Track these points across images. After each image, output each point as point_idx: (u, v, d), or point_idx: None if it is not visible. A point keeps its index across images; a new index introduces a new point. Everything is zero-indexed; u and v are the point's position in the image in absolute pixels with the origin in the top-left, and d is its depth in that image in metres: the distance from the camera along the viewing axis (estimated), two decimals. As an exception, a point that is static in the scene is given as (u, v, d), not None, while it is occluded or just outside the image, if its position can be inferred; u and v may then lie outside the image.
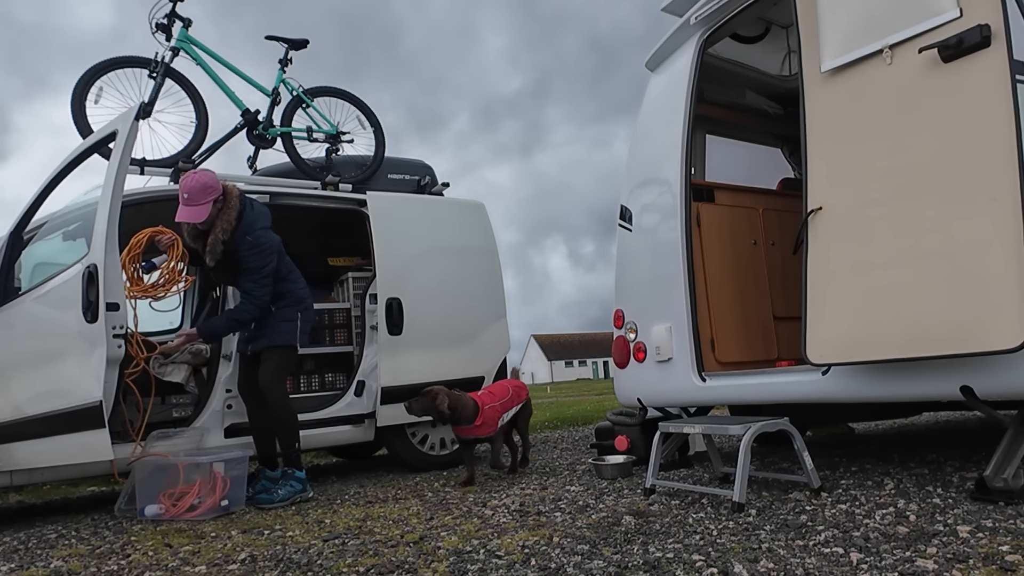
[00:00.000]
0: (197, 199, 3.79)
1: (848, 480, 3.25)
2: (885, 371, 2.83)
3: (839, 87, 2.99)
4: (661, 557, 2.22)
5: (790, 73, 4.86)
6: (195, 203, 3.79)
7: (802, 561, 2.07)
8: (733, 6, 3.73)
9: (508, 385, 4.40)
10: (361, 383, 4.71)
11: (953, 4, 2.60)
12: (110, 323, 3.57)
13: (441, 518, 3.11)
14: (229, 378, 4.31)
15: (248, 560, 2.59)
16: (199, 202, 3.79)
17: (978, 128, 2.50)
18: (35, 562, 2.86)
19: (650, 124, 4.20)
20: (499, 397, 4.24)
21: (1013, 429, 2.65)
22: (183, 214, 3.81)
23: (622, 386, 4.14)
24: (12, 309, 3.93)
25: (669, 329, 3.79)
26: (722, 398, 3.75)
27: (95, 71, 4.45)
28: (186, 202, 3.79)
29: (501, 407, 4.18)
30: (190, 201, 3.79)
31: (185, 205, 3.80)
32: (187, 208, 3.80)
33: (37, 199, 4.12)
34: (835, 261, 2.92)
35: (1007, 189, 2.39)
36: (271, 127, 5.02)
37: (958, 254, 2.51)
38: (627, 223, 4.16)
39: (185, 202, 3.80)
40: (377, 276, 4.82)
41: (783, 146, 5.40)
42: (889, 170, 2.75)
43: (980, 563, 1.93)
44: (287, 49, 5.13)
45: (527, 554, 2.38)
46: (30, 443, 3.76)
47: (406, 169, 5.51)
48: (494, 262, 5.46)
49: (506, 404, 4.23)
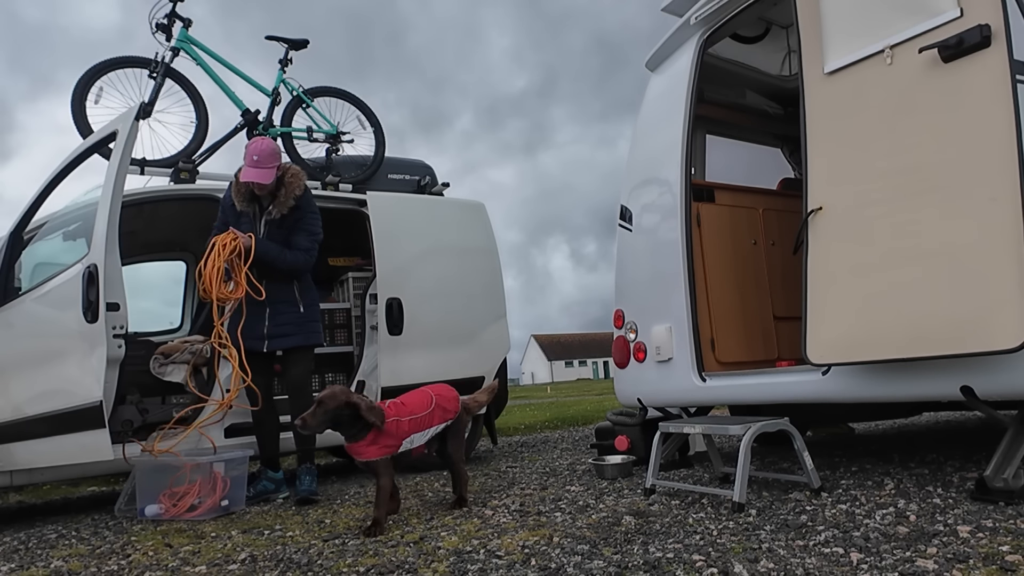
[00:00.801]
0: (266, 163, 3.88)
1: (848, 480, 3.24)
2: (885, 371, 2.83)
3: (839, 87, 2.99)
4: (661, 557, 2.22)
5: (790, 73, 4.86)
6: (264, 166, 3.87)
7: (802, 561, 2.07)
8: (733, 6, 3.73)
9: (430, 394, 3.34)
10: (361, 383, 4.71)
11: (953, 4, 2.60)
12: (110, 323, 3.57)
13: (441, 518, 3.11)
14: (229, 378, 4.31)
15: (248, 560, 2.59)
16: (267, 165, 3.89)
17: (978, 128, 2.50)
18: (35, 562, 2.86)
19: (650, 124, 4.20)
20: (409, 410, 3.20)
21: (1013, 429, 2.65)
22: (251, 175, 3.87)
23: (622, 386, 4.14)
24: (12, 309, 3.94)
25: (669, 329, 3.79)
26: (722, 398, 3.75)
27: (95, 71, 4.45)
28: (255, 163, 3.86)
29: (410, 424, 3.15)
30: (259, 163, 3.86)
31: (253, 167, 3.86)
32: (255, 170, 3.87)
33: (37, 199, 4.13)
34: (835, 261, 2.92)
35: (1007, 189, 2.39)
36: (271, 127, 5.02)
37: (958, 254, 2.51)
38: (627, 223, 4.16)
39: (254, 163, 3.86)
40: (377, 276, 4.82)
41: (783, 146, 5.40)
42: (889, 170, 2.75)
43: (980, 563, 1.93)
44: (287, 49, 5.14)
45: (527, 554, 2.38)
46: (30, 443, 3.76)
47: (406, 169, 5.51)
48: (494, 262, 5.46)
49: (420, 421, 3.20)
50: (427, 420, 3.24)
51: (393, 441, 3.09)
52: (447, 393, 3.41)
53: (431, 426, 3.26)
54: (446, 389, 3.44)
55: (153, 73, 4.61)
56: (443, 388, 3.44)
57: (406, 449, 3.16)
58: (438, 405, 3.30)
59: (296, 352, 4.04)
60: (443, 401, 3.35)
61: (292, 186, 4.01)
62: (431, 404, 3.27)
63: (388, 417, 3.08)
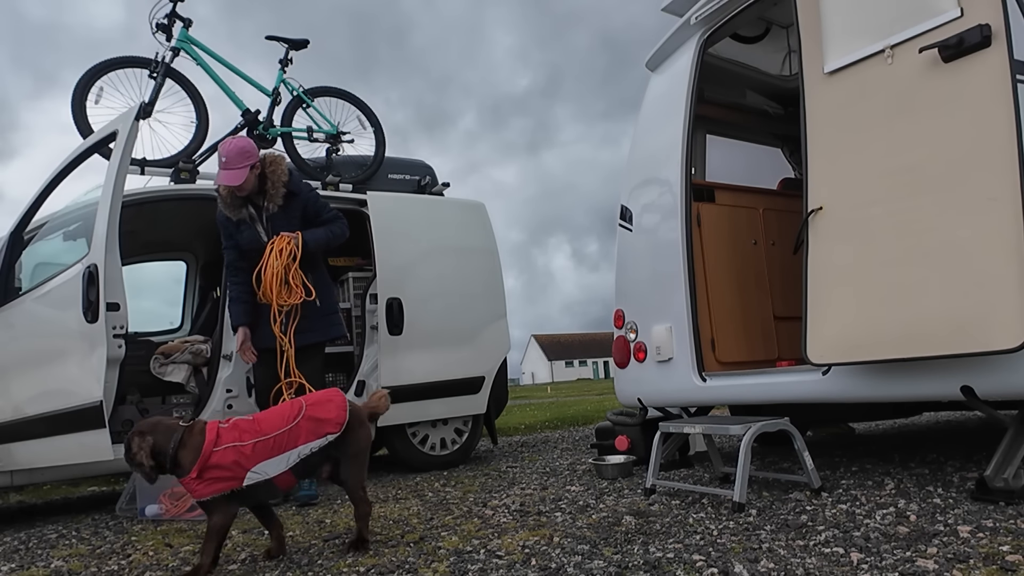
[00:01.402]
0: (235, 163, 3.70)
1: (848, 480, 3.24)
2: (885, 371, 2.83)
3: (840, 87, 2.99)
4: (661, 557, 2.22)
5: (790, 73, 4.86)
6: (233, 166, 3.70)
7: (802, 561, 2.07)
8: (733, 6, 3.73)
9: (300, 405, 2.61)
10: (361, 383, 4.71)
11: (954, 4, 2.60)
12: (110, 323, 3.57)
13: (441, 518, 3.11)
14: (229, 378, 4.31)
15: (248, 560, 2.59)
16: (237, 166, 3.70)
17: (979, 128, 2.50)
18: (36, 562, 2.87)
19: (650, 124, 4.20)
20: (257, 430, 2.50)
21: (1013, 429, 2.65)
22: (222, 177, 3.73)
23: (622, 386, 4.14)
24: (13, 309, 3.94)
25: (669, 329, 3.79)
26: (722, 398, 3.75)
27: (95, 71, 4.45)
28: (224, 165, 3.71)
29: (256, 449, 2.45)
30: (228, 164, 3.70)
31: (223, 169, 3.71)
32: (226, 172, 3.71)
33: (38, 199, 4.13)
34: (836, 261, 2.92)
35: (1007, 189, 2.39)
36: (271, 127, 5.02)
37: (958, 254, 2.51)
38: (627, 223, 4.16)
39: (224, 165, 3.71)
40: (377, 276, 4.82)
41: (783, 146, 5.40)
42: (889, 170, 2.75)
43: (981, 563, 1.93)
44: (287, 49, 5.14)
45: (527, 554, 2.38)
46: (31, 443, 3.77)
47: (406, 169, 5.51)
48: (494, 262, 5.46)
49: (273, 443, 2.48)
50: (285, 440, 2.49)
51: (228, 473, 2.39)
52: (326, 402, 2.62)
53: (294, 446, 2.49)
54: (327, 396, 2.66)
55: (153, 73, 4.61)
56: (324, 395, 2.69)
57: (258, 481, 2.43)
58: (308, 417, 2.54)
59: (307, 349, 3.89)
60: (317, 411, 2.57)
61: (276, 174, 3.85)
62: (294, 418, 2.54)
63: (225, 442, 2.43)
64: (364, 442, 2.66)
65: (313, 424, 2.54)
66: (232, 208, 3.86)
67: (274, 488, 2.53)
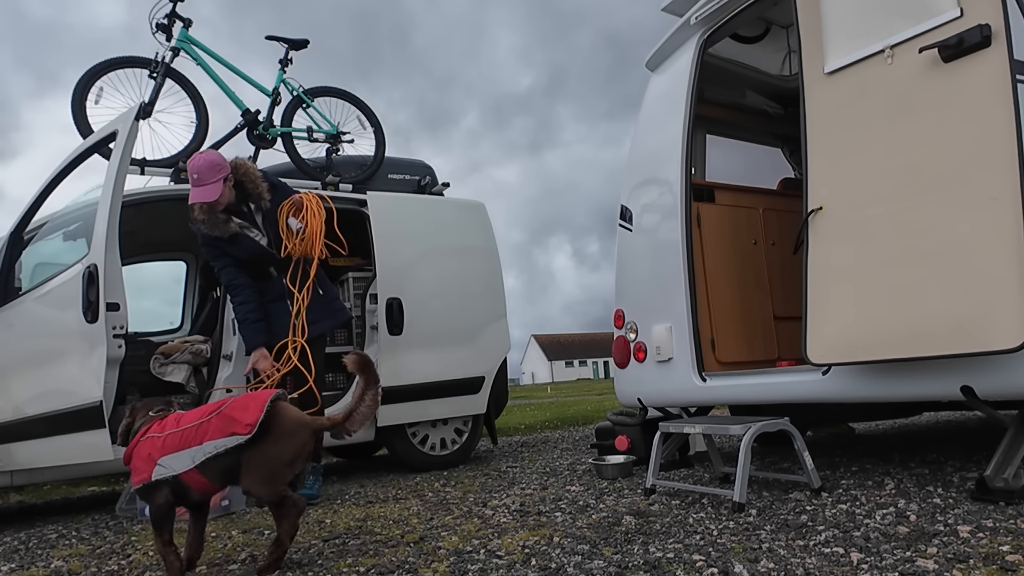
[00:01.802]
0: (207, 178, 3.58)
1: (848, 480, 3.24)
2: (885, 371, 2.83)
3: (840, 87, 2.99)
4: (661, 557, 2.22)
5: (790, 73, 4.86)
6: (205, 182, 3.58)
7: (802, 561, 2.07)
8: (733, 6, 3.73)
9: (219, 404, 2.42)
10: (361, 383, 4.71)
11: (953, 4, 2.60)
12: (110, 323, 3.57)
13: (441, 518, 3.11)
14: (229, 378, 4.31)
15: (248, 560, 2.59)
16: (209, 181, 3.58)
17: (978, 128, 2.50)
18: (36, 562, 2.87)
19: (650, 124, 4.20)
20: (171, 424, 2.40)
21: (1013, 429, 2.65)
22: (196, 195, 3.59)
23: (622, 386, 4.14)
24: (13, 309, 3.94)
25: (669, 329, 3.79)
26: (722, 398, 3.75)
27: (95, 71, 4.45)
28: (197, 183, 3.58)
29: (165, 443, 2.33)
30: (200, 181, 3.57)
31: (196, 186, 3.58)
32: (199, 189, 3.58)
33: (38, 199, 4.13)
34: (836, 261, 2.92)
35: (1007, 189, 2.39)
36: (271, 127, 5.02)
37: (958, 254, 2.51)
38: (627, 223, 4.17)
39: (196, 183, 3.58)
40: (377, 276, 4.82)
41: (783, 146, 5.40)
42: (889, 170, 2.75)
43: (981, 563, 1.93)
44: (287, 49, 5.14)
45: (527, 554, 2.38)
46: (31, 443, 3.77)
47: (406, 169, 5.52)
48: (494, 262, 5.46)
49: (179, 438, 2.33)
50: (192, 435, 2.31)
51: (142, 465, 2.32)
52: (250, 401, 2.36)
53: (198, 443, 2.29)
54: (257, 396, 2.40)
55: (153, 73, 4.61)
56: (256, 395, 2.43)
57: (164, 477, 2.29)
58: (221, 415, 2.34)
59: (316, 341, 3.89)
60: (234, 410, 2.33)
61: (250, 175, 3.75)
62: (208, 414, 2.36)
63: (151, 433, 2.37)
64: (285, 452, 2.32)
65: (223, 422, 2.32)
66: (217, 226, 3.72)
67: (187, 489, 2.33)
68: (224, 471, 2.32)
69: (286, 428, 2.35)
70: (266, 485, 2.30)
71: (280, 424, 2.34)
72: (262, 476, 2.30)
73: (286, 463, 2.34)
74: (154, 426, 2.40)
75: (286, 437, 2.34)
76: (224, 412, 2.35)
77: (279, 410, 2.37)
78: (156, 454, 2.32)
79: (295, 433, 2.36)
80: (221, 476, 2.34)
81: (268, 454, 2.30)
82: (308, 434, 2.40)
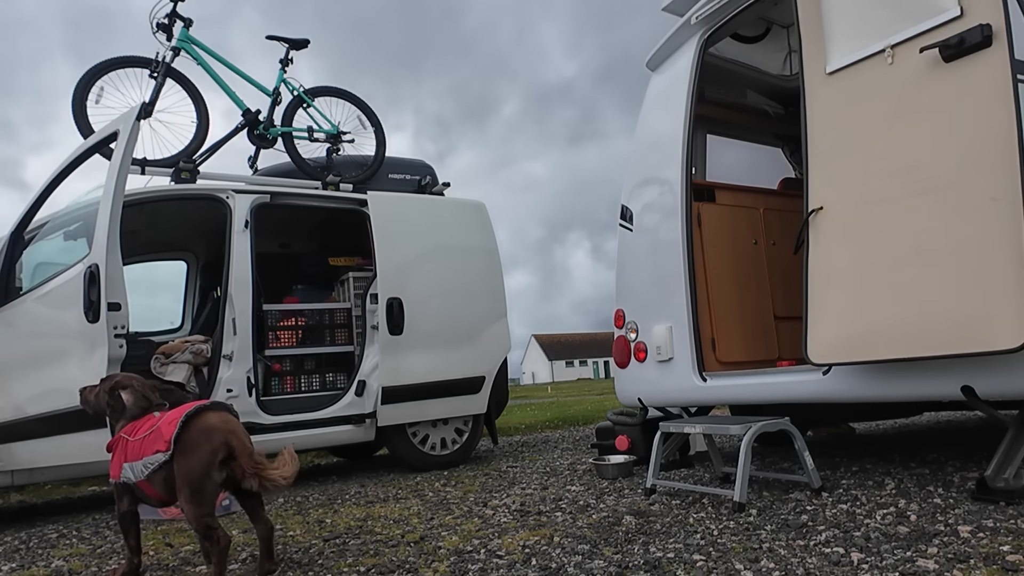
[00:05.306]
0: None
1: (849, 480, 3.24)
2: (886, 371, 2.83)
3: (840, 87, 2.99)
4: (662, 557, 2.22)
5: (791, 73, 4.86)
6: None
7: (803, 561, 2.07)
8: (734, 6, 3.73)
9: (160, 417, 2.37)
10: (362, 383, 4.71)
11: (954, 3, 2.60)
12: (111, 323, 3.57)
13: (442, 518, 3.11)
14: (229, 378, 4.31)
15: (248, 560, 2.59)
16: None
17: (979, 128, 2.50)
18: (36, 562, 2.87)
19: (651, 124, 4.20)
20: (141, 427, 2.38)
21: (1014, 429, 2.65)
22: None
23: (623, 386, 4.14)
24: (14, 309, 3.94)
25: (670, 329, 3.79)
26: (723, 398, 3.75)
27: (96, 71, 4.46)
28: None
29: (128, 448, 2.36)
30: None
31: None
32: None
33: (39, 199, 4.13)
34: (836, 261, 2.92)
35: (1008, 189, 2.39)
36: (272, 127, 5.02)
37: (959, 254, 2.51)
38: (628, 223, 4.17)
39: None
40: (378, 276, 4.82)
41: (784, 146, 5.40)
42: (890, 170, 2.75)
43: (981, 563, 1.93)
44: (288, 49, 5.15)
45: (528, 554, 2.38)
46: (31, 443, 3.77)
47: (407, 169, 5.52)
48: (495, 262, 5.46)
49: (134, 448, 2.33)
50: (139, 448, 2.31)
51: (114, 462, 2.38)
52: (178, 414, 2.28)
53: (144, 456, 2.28)
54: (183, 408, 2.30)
55: (154, 73, 4.62)
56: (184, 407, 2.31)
57: (129, 480, 2.32)
58: (157, 429, 2.30)
59: None
60: (164, 424, 2.29)
61: None
62: (152, 426, 2.33)
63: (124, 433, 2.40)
64: (194, 465, 2.18)
65: (154, 437, 2.27)
66: None
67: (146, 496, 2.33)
68: (167, 484, 2.27)
69: (192, 439, 2.22)
70: (189, 504, 2.18)
71: (188, 436, 2.23)
72: (185, 494, 2.19)
73: (199, 475, 2.19)
74: (128, 427, 2.42)
75: (190, 453, 2.21)
76: (159, 426, 2.30)
77: (193, 422, 2.25)
78: (122, 458, 2.36)
79: (200, 443, 2.21)
80: (166, 489, 2.28)
81: (180, 468, 2.21)
82: (219, 440, 2.21)
